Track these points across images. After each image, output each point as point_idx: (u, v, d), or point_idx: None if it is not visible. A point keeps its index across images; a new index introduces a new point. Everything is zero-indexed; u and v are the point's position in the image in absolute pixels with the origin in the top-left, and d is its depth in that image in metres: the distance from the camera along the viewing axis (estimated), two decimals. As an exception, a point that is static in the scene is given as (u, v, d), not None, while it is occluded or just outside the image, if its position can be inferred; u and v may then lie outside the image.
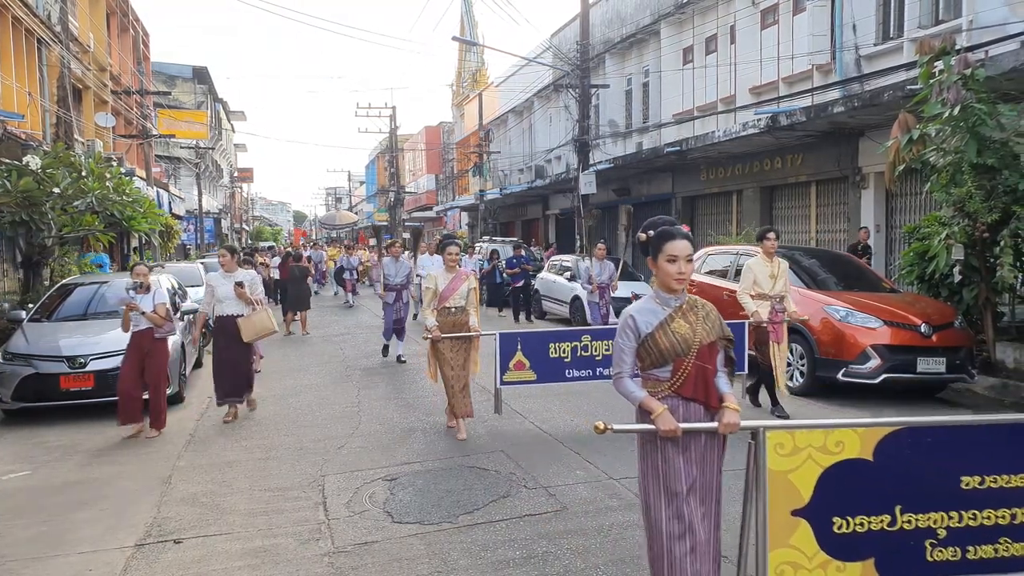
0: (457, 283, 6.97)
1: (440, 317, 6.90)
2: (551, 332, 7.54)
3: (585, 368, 7.18)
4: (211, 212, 46.26)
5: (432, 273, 7.07)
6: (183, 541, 4.79)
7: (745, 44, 17.56)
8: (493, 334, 7.15)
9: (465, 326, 6.96)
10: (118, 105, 25.32)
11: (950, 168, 8.93)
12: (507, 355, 7.05)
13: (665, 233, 3.27)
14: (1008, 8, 11.13)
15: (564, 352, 7.17)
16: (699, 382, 3.24)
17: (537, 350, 7.12)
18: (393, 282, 11.55)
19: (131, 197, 15.58)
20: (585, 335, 7.23)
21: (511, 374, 7.09)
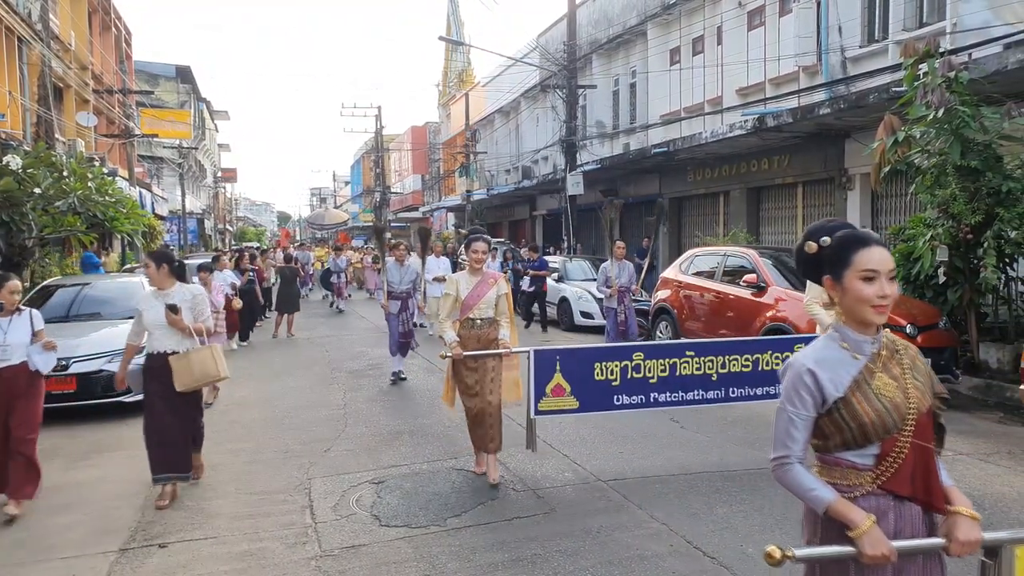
0: (484, 288, 5.67)
1: (462, 331, 5.63)
2: (595, 349, 6.25)
3: (636, 393, 5.83)
4: (194, 213, 45.93)
5: (453, 276, 5.84)
6: (168, 546, 4.73)
7: (732, 45, 17.63)
8: (525, 351, 5.74)
9: (493, 342, 5.66)
10: (100, 104, 25.09)
11: (934, 170, 8.99)
12: (543, 377, 5.67)
13: (853, 239, 2.23)
14: (991, 11, 11.22)
15: (612, 373, 5.77)
16: (919, 472, 2.19)
17: (579, 371, 5.72)
18: (398, 289, 10.02)
19: (113, 197, 15.42)
20: (637, 352, 5.89)
21: (548, 401, 5.69)
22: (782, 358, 5.50)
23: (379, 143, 47.30)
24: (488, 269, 6.15)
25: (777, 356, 5.89)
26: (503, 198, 31.15)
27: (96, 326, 8.95)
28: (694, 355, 5.72)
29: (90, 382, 8.07)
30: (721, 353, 5.77)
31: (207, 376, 5.62)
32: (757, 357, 5.89)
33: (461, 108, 36.87)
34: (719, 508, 5.13)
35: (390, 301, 9.95)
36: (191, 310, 5.64)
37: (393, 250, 10.38)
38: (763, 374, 5.95)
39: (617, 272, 10.70)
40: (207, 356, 5.54)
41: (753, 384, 5.94)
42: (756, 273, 9.92)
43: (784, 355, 5.45)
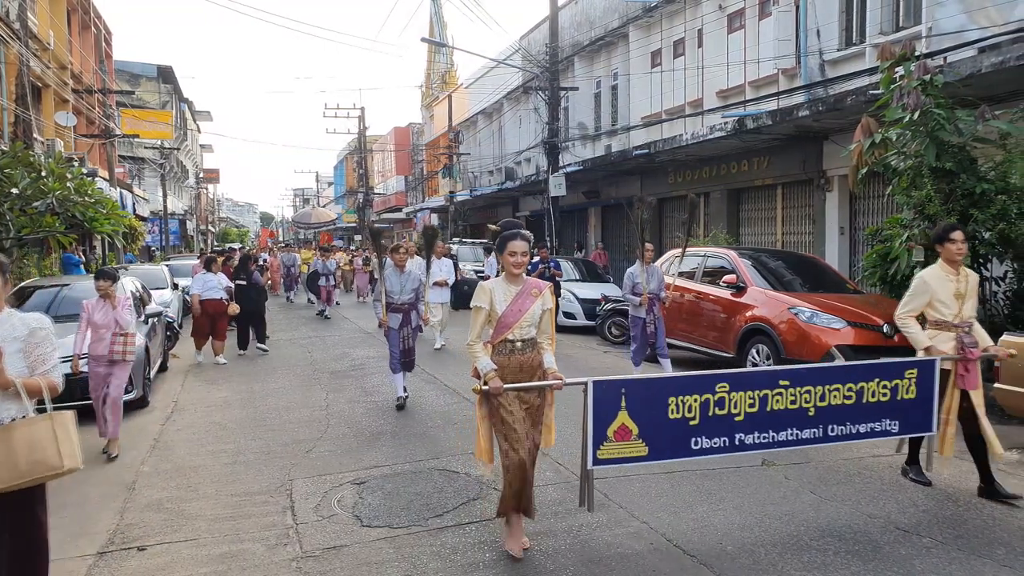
0: (525, 302, 4.43)
1: (498, 356, 4.40)
2: (670, 380, 4.81)
3: (719, 434, 4.65)
4: (176, 213, 45.64)
5: (485, 285, 4.52)
6: (147, 548, 4.71)
7: (712, 48, 17.76)
8: (581, 383, 4.37)
9: (538, 370, 4.47)
10: (79, 104, 24.88)
11: (911, 172, 9.11)
12: (604, 416, 4.42)
13: None
14: (966, 15, 11.38)
15: (690, 410, 4.58)
16: None
17: (650, 408, 4.52)
18: (398, 300, 8.49)
19: (93, 198, 15.31)
20: (720, 383, 4.66)
21: (610, 447, 4.44)
22: (891, 387, 4.86)
23: (362, 144, 47.20)
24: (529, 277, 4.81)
25: (885, 385, 4.95)
26: (486, 199, 31.19)
27: (74, 327, 8.85)
28: (789, 384, 4.67)
29: (68, 384, 7.93)
30: (820, 382, 4.77)
31: (40, 467, 3.41)
32: (862, 386, 4.90)
33: (444, 109, 36.87)
34: (699, 507, 5.18)
35: (389, 314, 8.47)
36: (22, 353, 3.50)
37: (392, 253, 8.67)
38: (868, 408, 4.93)
39: (646, 277, 9.40)
40: (42, 433, 3.46)
41: (856, 419, 4.91)
42: (736, 273, 10.00)
43: (894, 383, 4.81)
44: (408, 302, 8.55)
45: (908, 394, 4.96)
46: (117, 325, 6.84)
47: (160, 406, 8.94)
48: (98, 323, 6.90)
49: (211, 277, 12.16)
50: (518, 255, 4.43)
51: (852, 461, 6.21)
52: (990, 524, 4.84)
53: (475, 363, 4.38)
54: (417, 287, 8.65)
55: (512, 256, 4.43)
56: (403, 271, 8.61)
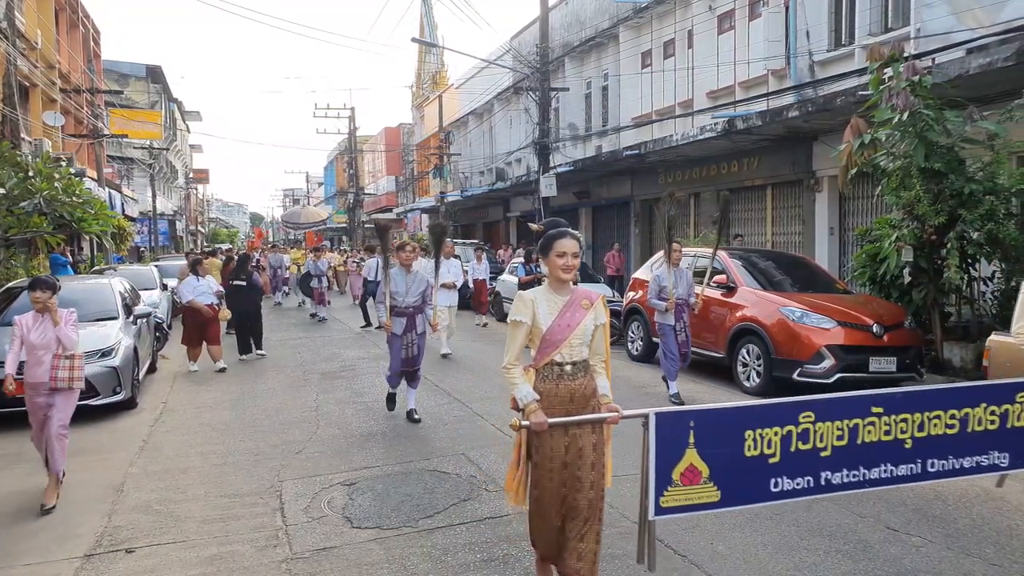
0: (576, 314, 3.70)
1: (542, 383, 3.67)
2: (745, 409, 3.93)
3: (803, 473, 3.89)
4: (165, 214, 45.44)
5: (526, 295, 3.75)
6: (135, 550, 4.68)
7: (702, 49, 17.80)
8: (642, 415, 3.52)
9: (591, 400, 3.74)
10: (68, 104, 24.73)
11: (899, 172, 9.16)
12: (669, 455, 3.63)
13: None
14: (954, 17, 11.45)
15: (769, 445, 3.83)
16: None
17: (723, 444, 3.76)
18: (403, 303, 7.75)
19: (81, 198, 15.23)
20: (805, 412, 3.88)
21: (676, 492, 3.64)
22: (999, 413, 4.17)
23: (352, 144, 47.11)
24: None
25: (993, 411, 4.23)
26: (477, 200, 31.17)
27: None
28: (882, 412, 3.99)
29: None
30: (919, 409, 4.09)
31: None
32: (967, 413, 4.19)
33: (435, 110, 36.84)
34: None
35: (393, 318, 7.76)
36: None
37: (398, 252, 7.94)
38: (974, 438, 4.18)
39: (674, 281, 8.58)
40: None
41: (960, 451, 4.16)
42: (726, 274, 10.02)
43: (1003, 408, 4.17)
44: (414, 305, 7.79)
45: (1020, 421, 4.20)
46: (59, 345, 5.66)
47: (149, 407, 8.89)
48: (35, 343, 5.67)
49: (199, 282, 11.45)
50: (568, 256, 3.67)
51: (842, 460, 6.22)
52: (979, 523, 4.86)
53: (513, 391, 3.63)
54: (424, 289, 7.90)
55: (561, 258, 3.67)
56: (409, 271, 7.87)
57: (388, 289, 7.80)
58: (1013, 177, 8.94)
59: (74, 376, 5.73)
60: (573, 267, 3.69)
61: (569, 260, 3.67)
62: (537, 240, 3.76)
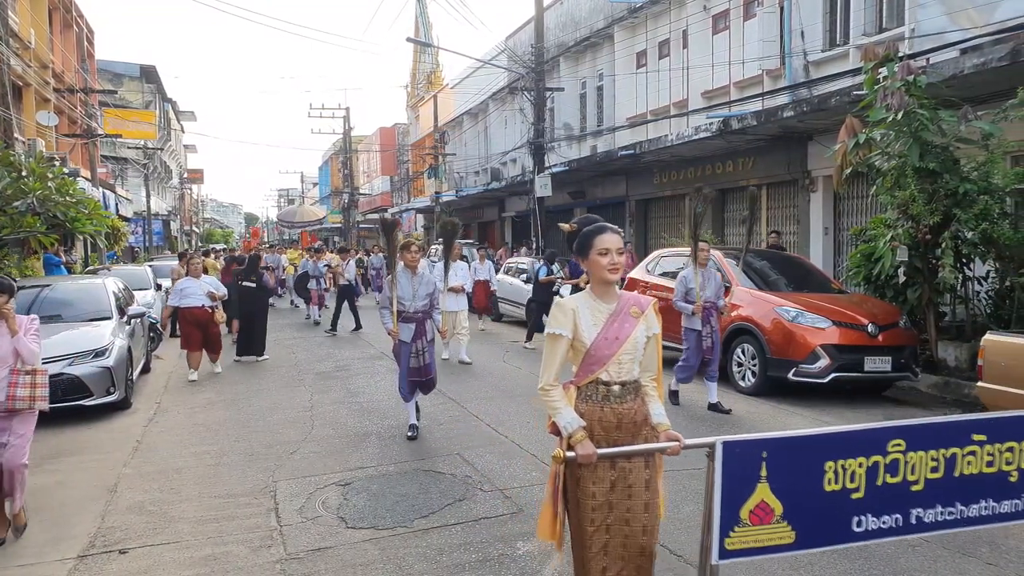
0: (625, 325, 3.21)
1: (587, 404, 3.19)
2: (824, 437, 3.34)
3: (891, 511, 3.35)
4: (160, 214, 45.32)
5: (566, 303, 3.26)
6: (129, 551, 4.65)
7: (697, 49, 17.82)
8: (706, 445, 3.07)
9: (643, 427, 3.24)
10: (61, 104, 24.64)
11: (894, 172, 9.18)
12: (737, 490, 3.13)
13: None
14: (948, 17, 11.48)
15: (852, 479, 3.28)
16: None
17: (799, 477, 3.22)
18: (410, 308, 7.13)
19: (75, 198, 15.15)
20: (894, 440, 3.35)
21: (744, 533, 3.14)
22: None
23: (347, 144, 47.09)
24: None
25: None
26: (472, 200, 31.15)
27: (56, 328, 8.77)
28: (985, 439, 3.42)
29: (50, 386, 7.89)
30: None
31: None
32: None
33: (430, 110, 36.82)
34: (685, 507, 5.17)
35: (400, 324, 7.10)
36: None
37: (403, 252, 7.31)
38: None
39: (701, 282, 8.08)
40: None
41: None
42: (721, 273, 10.01)
43: None
44: (421, 310, 7.17)
45: None
46: (17, 358, 4.88)
47: (143, 408, 8.85)
48: None
49: (190, 283, 10.71)
50: (612, 253, 3.15)
51: (837, 460, 6.22)
52: (974, 522, 4.86)
53: (554, 416, 3.12)
54: (432, 292, 7.31)
55: (604, 256, 3.15)
56: (415, 273, 7.25)
57: (394, 293, 7.12)
58: (1007, 177, 8.97)
59: (36, 395, 4.90)
60: (620, 266, 3.18)
61: (614, 258, 3.16)
62: (570, 241, 3.34)
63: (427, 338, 7.20)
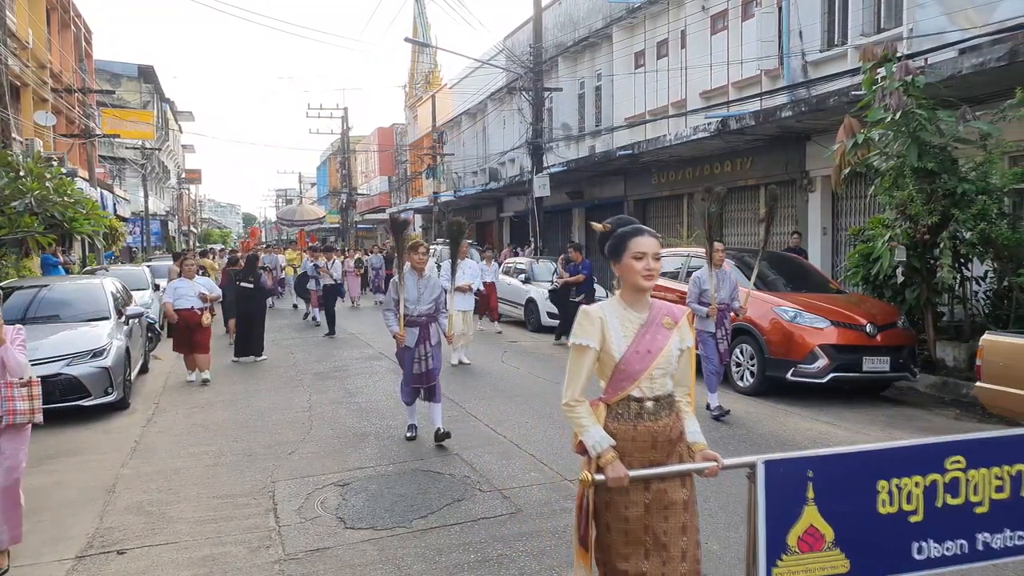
0: (658, 337, 2.94)
1: (618, 423, 2.91)
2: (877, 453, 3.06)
3: (954, 535, 3.06)
4: (158, 214, 45.28)
5: (592, 311, 2.98)
6: (127, 552, 4.65)
7: (695, 49, 17.83)
8: (746, 465, 2.90)
9: (678, 444, 2.98)
10: (59, 103, 24.61)
11: (893, 172, 9.18)
12: (783, 514, 2.88)
13: None
14: (946, 17, 11.49)
15: (909, 500, 2.99)
16: None
17: (850, 498, 2.94)
18: (415, 311, 6.91)
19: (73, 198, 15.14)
20: (953, 456, 3.04)
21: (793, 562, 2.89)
22: None
23: (345, 144, 47.07)
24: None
25: None
26: (470, 200, 31.15)
27: (54, 328, 8.77)
28: None
29: (47, 386, 7.84)
30: None
31: None
32: None
33: (428, 110, 36.81)
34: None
35: (406, 328, 6.89)
36: None
37: (410, 253, 7.05)
38: None
39: (716, 283, 7.88)
40: None
41: None
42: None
43: None
44: (427, 313, 6.96)
45: None
46: (4, 370, 4.57)
47: (141, 408, 8.84)
48: None
49: (183, 284, 10.42)
50: (648, 258, 2.91)
51: (836, 460, 6.22)
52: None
53: (580, 434, 2.88)
54: (438, 296, 7.07)
55: (639, 260, 2.90)
56: (422, 275, 7.03)
57: (401, 295, 6.89)
58: (1005, 177, 8.97)
59: (35, 407, 4.62)
60: (656, 272, 2.91)
61: (650, 263, 2.90)
62: (601, 242, 3.08)
63: (431, 342, 6.96)
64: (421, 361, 6.88)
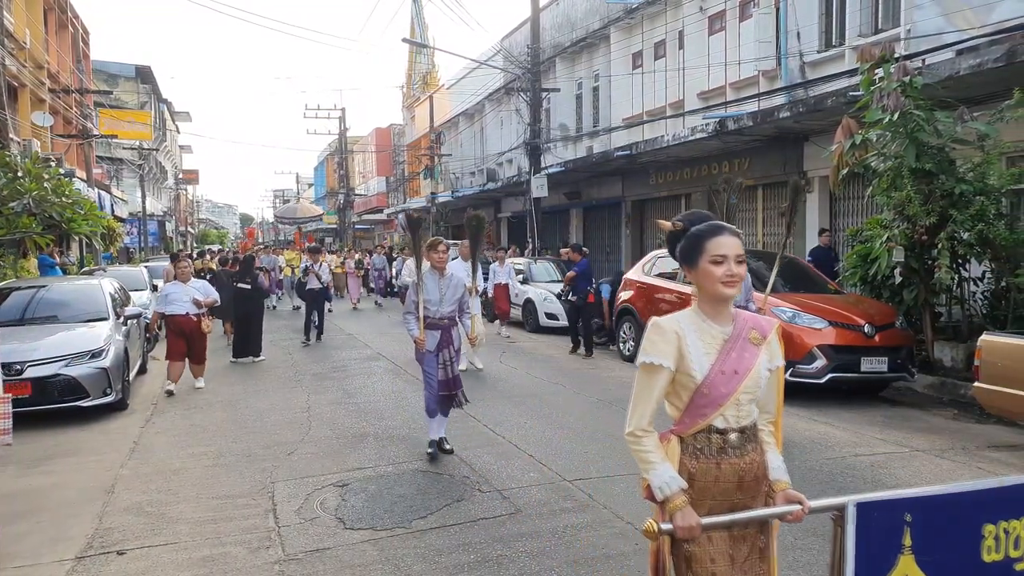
0: (744, 356, 2.50)
1: (694, 460, 2.50)
2: (982, 491, 2.57)
3: None
4: (155, 215, 45.20)
5: (665, 324, 2.52)
6: (126, 552, 4.64)
7: (693, 49, 17.84)
8: (836, 506, 2.41)
9: (763, 482, 2.58)
10: (57, 104, 24.59)
11: (891, 172, 9.20)
12: (875, 563, 2.43)
13: None
14: (944, 18, 11.51)
15: (1017, 546, 2.56)
16: None
17: (950, 545, 2.50)
18: (436, 313, 6.52)
19: (71, 199, 15.15)
20: None
21: None
22: None
23: (343, 145, 47.04)
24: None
25: None
26: (468, 200, 31.14)
27: (52, 329, 8.76)
28: None
29: (46, 386, 7.89)
30: None
31: None
32: None
33: (425, 110, 36.80)
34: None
35: (427, 332, 6.47)
36: None
37: (430, 252, 6.67)
38: None
39: None
40: None
41: None
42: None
43: None
44: (449, 316, 6.58)
45: None
46: None
47: (139, 408, 8.83)
48: None
49: (176, 288, 9.77)
50: (730, 261, 2.43)
51: (834, 461, 6.24)
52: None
53: (645, 472, 2.43)
54: (461, 296, 6.69)
55: (719, 264, 2.43)
56: (442, 275, 6.63)
57: (421, 297, 6.47)
58: (1003, 178, 8.99)
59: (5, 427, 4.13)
60: (739, 278, 2.44)
61: (732, 267, 2.42)
62: (672, 242, 2.62)
63: (454, 347, 6.62)
64: (446, 366, 6.52)
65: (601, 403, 8.59)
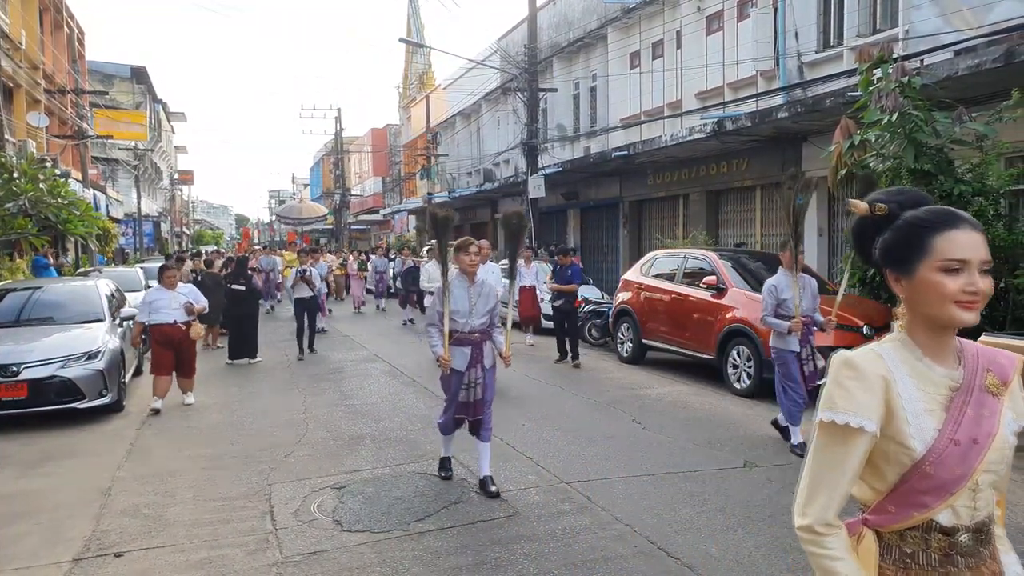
0: (983, 413, 1.62)
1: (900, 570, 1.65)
2: None
3: None
4: (150, 215, 45.12)
5: (867, 366, 1.63)
6: (124, 554, 4.61)
7: (691, 50, 17.83)
8: None
9: None
10: (52, 104, 24.50)
11: (889, 173, 9.18)
12: None
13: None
14: (942, 18, 11.51)
15: None
16: None
17: None
18: (465, 326, 5.60)
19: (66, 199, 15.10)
20: None
21: None
22: None
23: (339, 145, 46.97)
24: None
25: None
26: (465, 201, 31.10)
27: (48, 331, 8.72)
28: None
29: (42, 388, 7.85)
30: None
31: None
32: None
33: (422, 110, 36.76)
34: (682, 509, 5.16)
35: (452, 348, 5.54)
36: None
37: (459, 254, 5.70)
38: None
39: (798, 291, 6.64)
40: None
41: None
42: (716, 275, 10.02)
43: None
44: (480, 329, 5.62)
45: None
46: None
47: (136, 410, 8.79)
48: None
49: (160, 295, 8.88)
50: (972, 268, 1.64)
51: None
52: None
53: None
54: (493, 306, 5.70)
55: (953, 273, 1.63)
56: (472, 282, 5.66)
57: (446, 308, 5.54)
58: (1002, 178, 8.99)
59: None
60: (983, 298, 1.65)
61: (976, 279, 1.63)
62: (866, 234, 1.85)
63: (484, 364, 5.63)
64: (471, 388, 5.56)
65: (599, 405, 8.57)
